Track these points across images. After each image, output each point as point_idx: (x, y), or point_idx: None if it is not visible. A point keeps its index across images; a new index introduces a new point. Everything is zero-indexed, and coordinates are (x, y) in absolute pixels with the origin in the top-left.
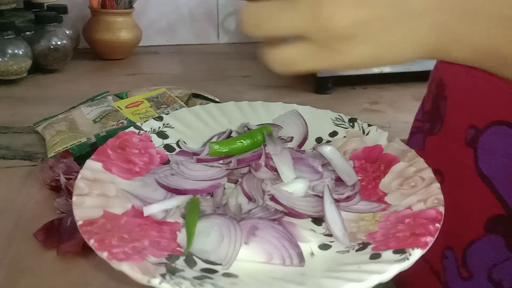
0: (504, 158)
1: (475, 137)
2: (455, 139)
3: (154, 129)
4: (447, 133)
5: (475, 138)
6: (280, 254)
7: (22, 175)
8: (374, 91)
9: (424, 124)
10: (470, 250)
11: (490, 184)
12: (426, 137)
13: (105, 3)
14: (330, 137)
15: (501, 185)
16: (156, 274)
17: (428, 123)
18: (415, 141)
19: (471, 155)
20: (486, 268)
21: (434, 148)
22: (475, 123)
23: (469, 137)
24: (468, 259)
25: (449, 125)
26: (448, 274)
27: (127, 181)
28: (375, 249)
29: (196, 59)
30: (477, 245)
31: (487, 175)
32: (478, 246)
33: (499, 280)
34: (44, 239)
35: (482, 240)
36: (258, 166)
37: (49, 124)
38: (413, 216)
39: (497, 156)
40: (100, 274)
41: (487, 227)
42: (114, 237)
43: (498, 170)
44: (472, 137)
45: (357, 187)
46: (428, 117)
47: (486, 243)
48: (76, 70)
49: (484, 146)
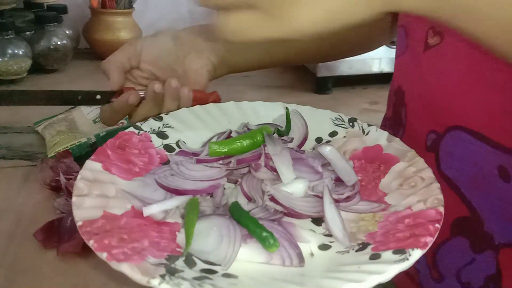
0: (464, 162)
1: (435, 142)
2: (416, 145)
3: (154, 129)
4: (408, 138)
5: (436, 143)
6: (280, 255)
7: (22, 175)
8: (374, 91)
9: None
10: (439, 252)
11: (454, 187)
12: None
13: (105, 3)
14: (330, 137)
15: (465, 187)
16: (156, 275)
17: (390, 129)
18: None
19: (432, 159)
20: (455, 270)
21: None
22: (435, 128)
23: (430, 142)
24: (438, 261)
25: (410, 131)
26: (421, 276)
27: (126, 182)
28: (375, 249)
29: None
30: (445, 247)
31: (451, 178)
32: (446, 248)
33: (467, 282)
34: (44, 239)
35: (449, 242)
36: (257, 166)
37: (49, 124)
38: (413, 216)
39: (458, 160)
40: (100, 274)
41: (453, 229)
42: (113, 237)
43: (460, 173)
44: (432, 142)
45: (357, 187)
46: (390, 124)
47: (453, 245)
48: (76, 70)
49: (445, 150)
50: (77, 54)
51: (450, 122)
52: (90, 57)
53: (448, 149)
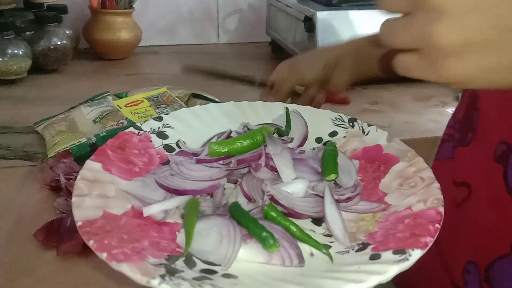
0: None
1: (505, 153)
2: (485, 153)
3: (154, 129)
4: (477, 145)
5: (506, 154)
6: (280, 255)
7: (22, 175)
8: (374, 91)
9: (456, 133)
10: (494, 267)
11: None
12: (456, 147)
13: (105, 3)
14: (330, 137)
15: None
16: (156, 275)
17: (459, 133)
18: (446, 149)
19: (500, 170)
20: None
21: (463, 159)
22: (506, 139)
23: (499, 152)
24: (491, 275)
25: (480, 138)
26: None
27: (126, 182)
28: (375, 249)
29: (196, 59)
30: (501, 263)
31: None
32: (502, 263)
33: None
34: (44, 239)
35: (507, 257)
36: (258, 166)
37: (49, 124)
38: (413, 217)
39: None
40: (100, 274)
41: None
42: (113, 237)
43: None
44: (502, 153)
45: (359, 189)
46: (459, 127)
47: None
48: (76, 70)
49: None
50: (77, 54)
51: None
52: (90, 57)
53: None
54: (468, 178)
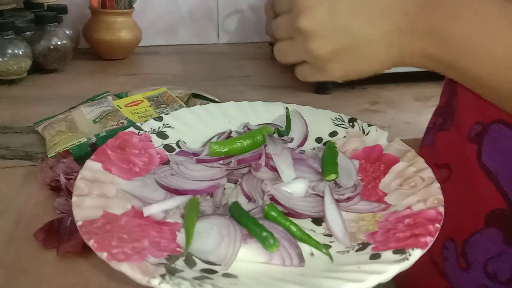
0: (505, 155)
1: (480, 133)
2: (462, 135)
3: (154, 129)
4: (456, 128)
5: (480, 134)
6: (280, 255)
7: (22, 175)
8: (374, 91)
9: (437, 119)
10: (470, 241)
11: (493, 179)
12: (436, 133)
13: (105, 3)
14: (330, 137)
15: (504, 180)
16: (156, 275)
17: (441, 118)
18: (429, 137)
19: (474, 150)
20: (483, 260)
21: (444, 143)
22: (481, 119)
23: (474, 133)
24: (467, 250)
25: (458, 121)
26: (447, 264)
27: (127, 182)
28: (375, 249)
29: (196, 59)
30: (476, 237)
31: (490, 170)
32: (477, 238)
33: (493, 273)
34: (44, 239)
35: (481, 232)
36: (258, 166)
37: (49, 124)
38: (413, 216)
39: (499, 153)
40: (100, 274)
41: (487, 220)
42: (113, 237)
43: (500, 166)
44: (477, 133)
45: (359, 188)
46: (441, 112)
47: (485, 236)
48: (76, 70)
49: (488, 142)
50: (77, 54)
51: (495, 115)
52: (90, 57)
53: (491, 141)
54: (449, 160)
